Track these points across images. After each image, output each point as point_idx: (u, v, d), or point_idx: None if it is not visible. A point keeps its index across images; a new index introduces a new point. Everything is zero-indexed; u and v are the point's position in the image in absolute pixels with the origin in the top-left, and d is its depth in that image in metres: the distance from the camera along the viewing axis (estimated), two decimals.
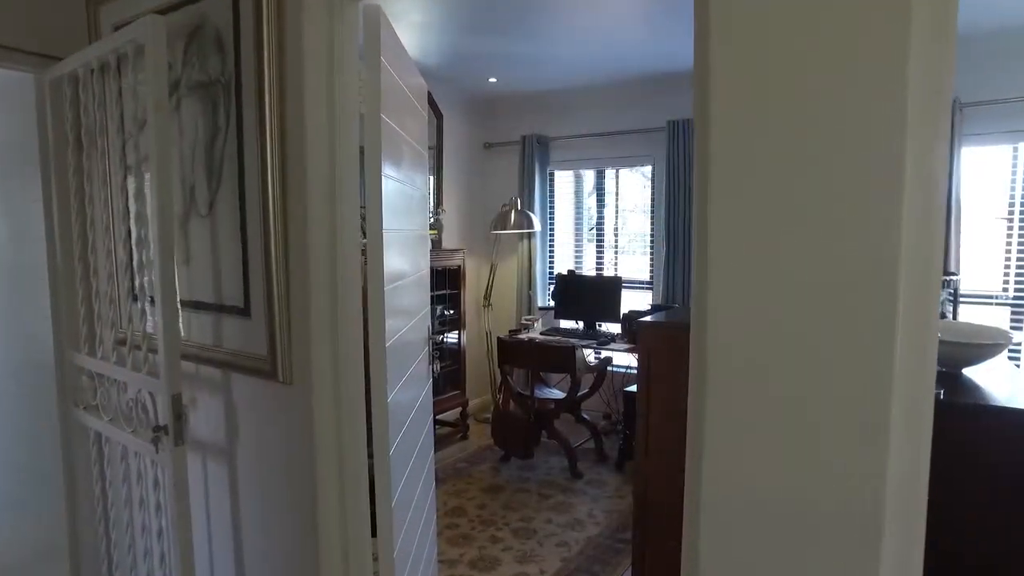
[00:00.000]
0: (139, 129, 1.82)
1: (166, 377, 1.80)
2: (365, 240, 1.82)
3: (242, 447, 1.99)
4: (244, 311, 1.86)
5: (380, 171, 1.79)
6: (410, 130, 2.29)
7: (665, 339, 2.67)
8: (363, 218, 1.85)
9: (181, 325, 2.12)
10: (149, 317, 1.93)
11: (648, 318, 2.81)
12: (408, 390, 2.21)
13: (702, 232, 1.18)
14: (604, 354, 4.59)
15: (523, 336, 4.79)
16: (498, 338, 4.42)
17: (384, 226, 1.85)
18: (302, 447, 1.83)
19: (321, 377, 1.78)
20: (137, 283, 1.90)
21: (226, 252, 1.90)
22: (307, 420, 1.79)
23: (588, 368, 4.29)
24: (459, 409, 4.98)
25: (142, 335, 1.92)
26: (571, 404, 4.39)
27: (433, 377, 2.80)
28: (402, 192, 2.14)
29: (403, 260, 2.16)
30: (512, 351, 4.36)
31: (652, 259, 5.11)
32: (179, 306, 2.12)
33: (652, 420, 2.72)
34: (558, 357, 4.18)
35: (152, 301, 1.79)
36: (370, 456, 1.89)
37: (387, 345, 1.87)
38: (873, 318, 1.00)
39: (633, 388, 4.42)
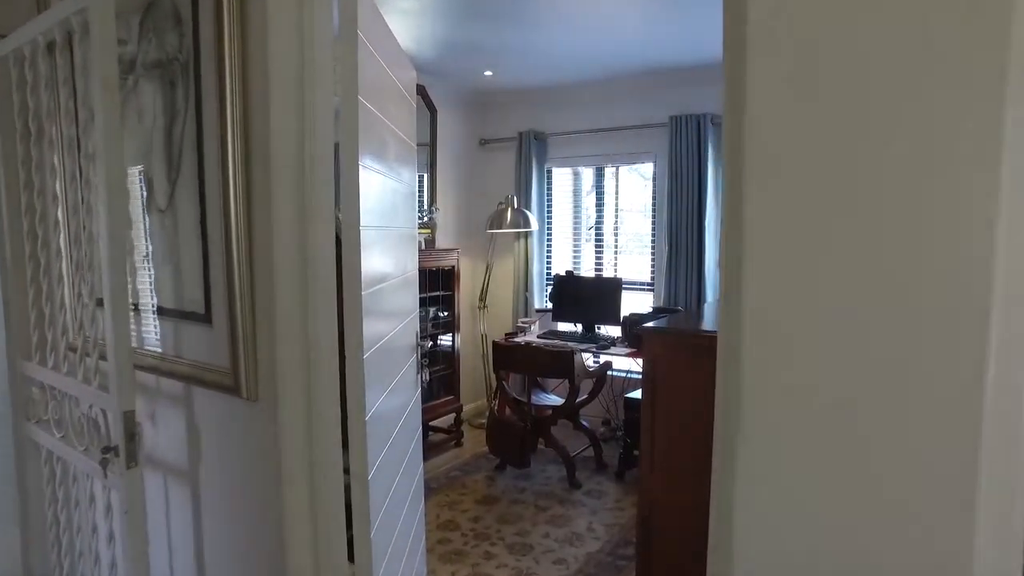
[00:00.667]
0: (91, 113, 1.61)
1: (117, 391, 1.58)
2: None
3: (206, 468, 1.78)
4: (205, 318, 1.64)
5: (357, 160, 1.58)
6: (396, 119, 2.08)
7: (672, 347, 2.46)
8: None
9: (140, 333, 1.91)
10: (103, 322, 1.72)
11: (652, 324, 2.60)
12: (393, 402, 2.00)
13: (734, 219, 0.97)
14: (604, 358, 4.38)
15: (519, 339, 4.58)
16: (494, 342, 4.22)
17: (363, 222, 1.64)
18: (271, 470, 1.62)
19: (289, 393, 1.56)
20: (89, 285, 1.68)
21: (186, 251, 1.69)
22: (275, 440, 1.58)
23: (587, 373, 4.09)
24: (453, 415, 4.77)
25: (92, 343, 1.71)
26: (569, 411, 4.18)
27: (423, 385, 2.59)
28: (386, 186, 1.93)
29: (387, 260, 1.95)
30: (508, 355, 4.15)
31: (653, 259, 4.90)
32: (151, 312, 1.91)
33: (658, 434, 2.51)
34: (556, 362, 3.97)
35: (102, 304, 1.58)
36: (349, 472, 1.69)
37: (366, 356, 1.66)
38: (960, 339, 0.79)
39: (634, 394, 4.22)
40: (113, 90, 1.51)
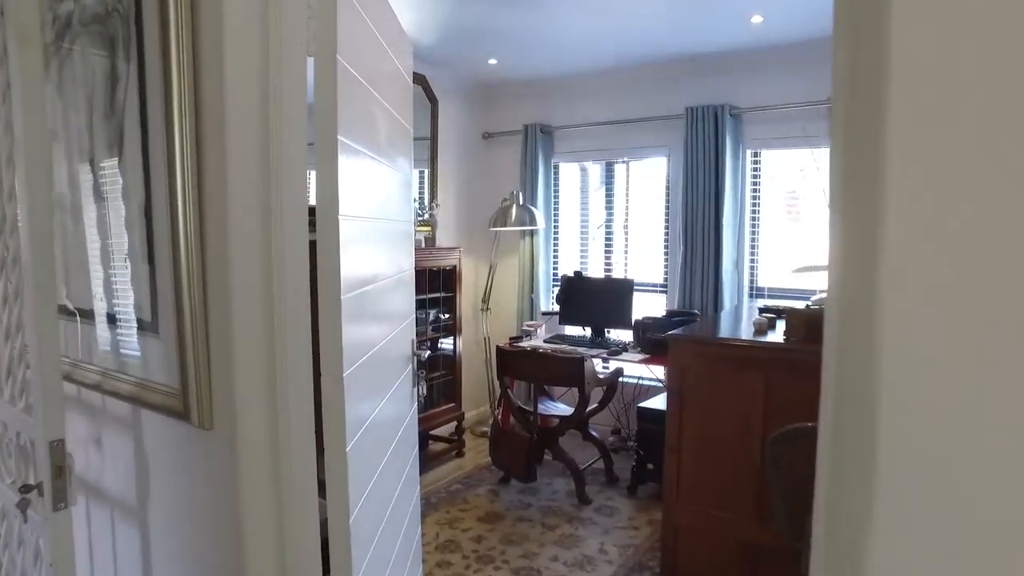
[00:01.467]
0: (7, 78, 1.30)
1: (43, 416, 1.28)
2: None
3: (157, 505, 1.47)
4: (151, 326, 1.34)
5: (334, 132, 1.27)
6: (387, 94, 1.77)
7: (705, 357, 2.16)
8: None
9: (90, 343, 1.60)
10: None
11: (680, 331, 2.29)
12: (383, 424, 1.69)
13: (857, 204, 0.66)
14: (614, 365, 4.07)
15: (525, 344, 4.27)
16: (498, 347, 3.91)
17: (343, 211, 1.33)
18: (231, 511, 1.31)
19: (250, 421, 1.26)
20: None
21: (131, 244, 1.38)
22: (234, 477, 1.27)
23: (598, 381, 3.78)
24: (454, 423, 4.46)
25: (18, 353, 1.40)
26: (578, 421, 3.87)
27: (420, 398, 2.28)
28: (374, 170, 1.62)
29: (375, 257, 1.64)
30: (513, 362, 3.84)
31: (666, 260, 4.59)
32: (103, 319, 1.60)
33: (685, 454, 2.20)
34: (565, 369, 3.66)
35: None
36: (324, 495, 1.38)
37: (347, 373, 1.35)
38: None
39: (649, 404, 3.91)
40: (33, 48, 1.20)
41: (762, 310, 2.66)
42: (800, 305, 3.04)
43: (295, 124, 1.26)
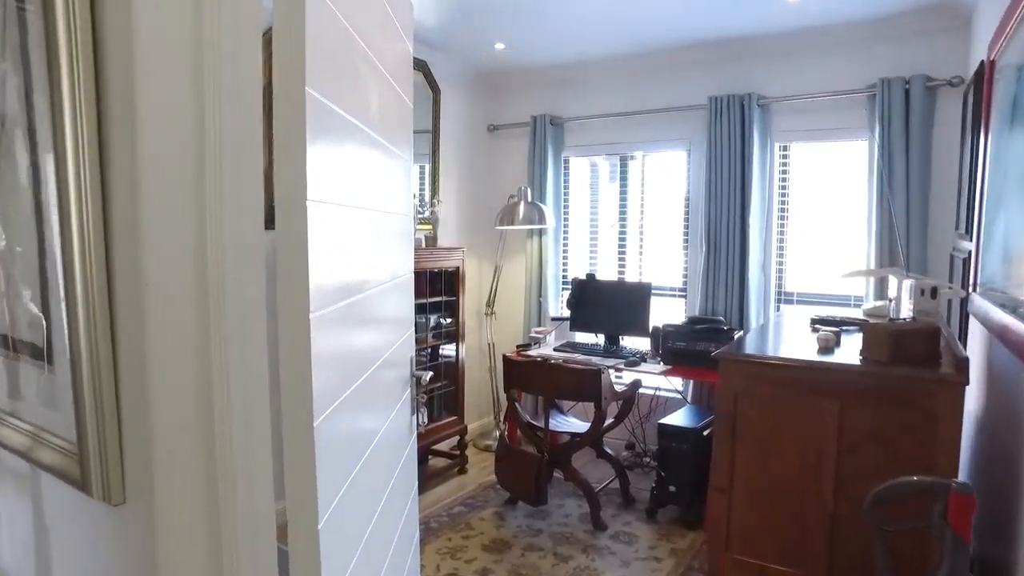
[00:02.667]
0: None
1: None
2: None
3: None
4: (44, 354, 0.94)
5: (301, 83, 0.88)
6: (382, 54, 1.38)
7: (763, 381, 1.77)
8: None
9: None
10: None
11: (731, 348, 1.90)
12: (371, 474, 1.30)
13: None
14: (630, 376, 3.68)
15: (533, 353, 3.88)
16: (504, 356, 3.51)
17: (317, 196, 0.94)
18: None
19: (174, 494, 0.86)
20: None
21: (23, 244, 0.99)
22: (153, 572, 0.88)
23: (615, 395, 3.39)
24: (457, 438, 4.07)
25: None
26: (593, 438, 3.48)
27: (420, 424, 1.89)
28: (364, 147, 1.23)
29: (366, 259, 1.25)
30: (521, 373, 3.45)
31: (687, 262, 4.20)
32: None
33: (738, 497, 1.81)
34: (580, 382, 3.27)
35: None
36: None
37: (319, 421, 0.96)
38: None
39: (669, 420, 3.52)
40: None
41: (816, 320, 2.27)
42: (837, 313, 2.67)
43: (244, 82, 0.86)
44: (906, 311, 1.89)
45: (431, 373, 1.80)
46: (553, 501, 3.67)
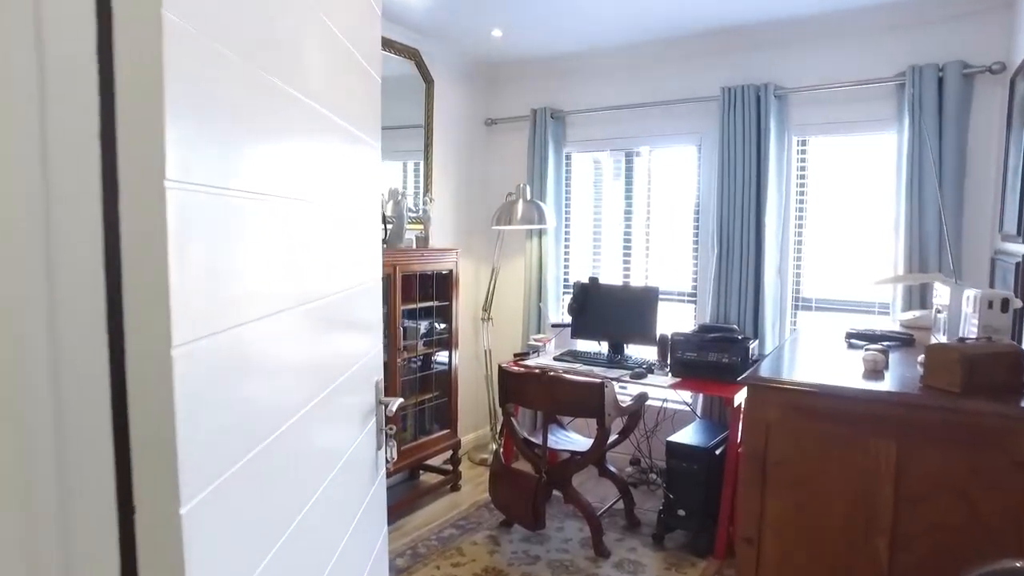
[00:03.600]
0: None
1: None
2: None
3: None
4: None
5: (159, 3, 0.57)
6: (329, 2, 1.07)
7: (800, 412, 1.46)
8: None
9: None
10: None
11: (759, 371, 1.59)
12: (304, 552, 0.98)
13: None
14: (637, 388, 3.36)
15: (532, 362, 3.56)
16: (500, 367, 3.20)
17: (186, 176, 0.63)
18: None
19: None
20: None
21: None
22: None
23: (620, 410, 3.08)
24: (449, 452, 3.76)
25: None
26: (595, 457, 3.16)
27: (388, 464, 1.58)
28: (288, 113, 0.92)
29: (297, 265, 0.94)
30: (519, 386, 3.14)
31: (696, 265, 3.88)
32: None
33: (769, 551, 1.49)
34: (582, 396, 2.95)
35: None
36: None
37: (187, 508, 0.65)
38: None
39: (679, 438, 3.20)
40: None
41: (853, 335, 1.95)
42: (863, 323, 2.34)
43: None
44: (965, 326, 1.57)
45: (400, 400, 1.49)
46: (552, 523, 3.35)
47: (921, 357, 1.63)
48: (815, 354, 1.78)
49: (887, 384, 1.41)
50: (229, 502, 0.72)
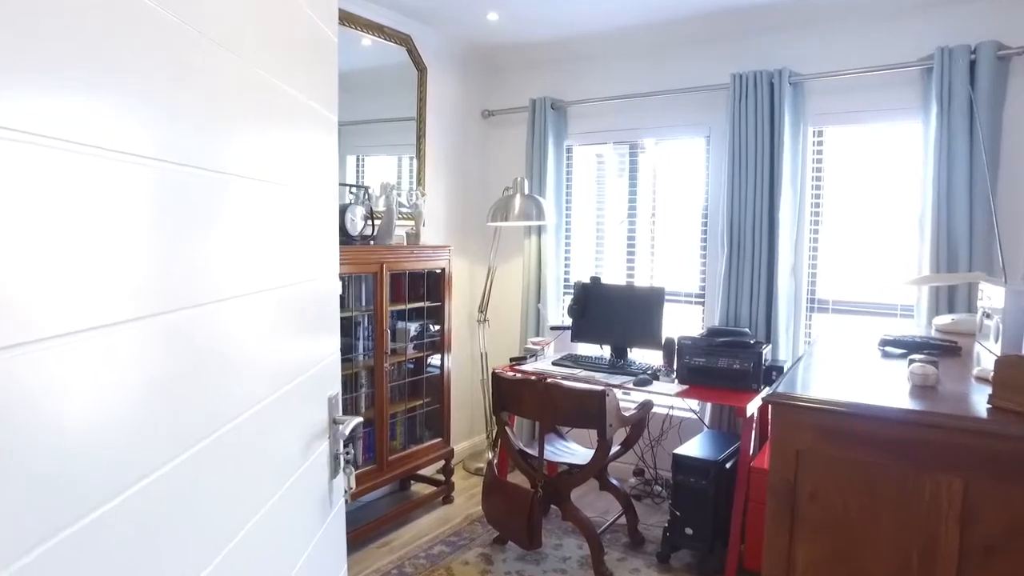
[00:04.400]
0: None
1: None
2: None
3: None
4: None
5: None
6: None
7: (838, 438, 1.20)
8: None
9: None
10: None
11: (785, 385, 1.33)
12: None
13: None
14: (641, 396, 3.10)
15: (529, 367, 3.31)
16: (494, 373, 2.95)
17: None
18: None
19: None
20: None
21: None
22: None
23: (623, 420, 2.82)
24: (442, 462, 3.51)
25: None
26: (596, 471, 2.90)
27: (346, 495, 1.33)
28: (153, 40, 0.67)
29: (178, 252, 0.69)
30: (514, 393, 2.88)
31: (704, 264, 3.62)
32: None
33: None
34: (581, 405, 2.70)
35: None
36: None
37: None
38: None
39: (685, 450, 2.94)
40: None
41: (888, 342, 1.69)
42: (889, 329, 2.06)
43: None
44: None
45: (358, 420, 1.24)
46: (549, 540, 3.10)
47: (978, 370, 1.37)
48: (846, 365, 1.52)
49: (944, 404, 1.15)
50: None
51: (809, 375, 1.38)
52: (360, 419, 1.25)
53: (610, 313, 3.49)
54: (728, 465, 2.87)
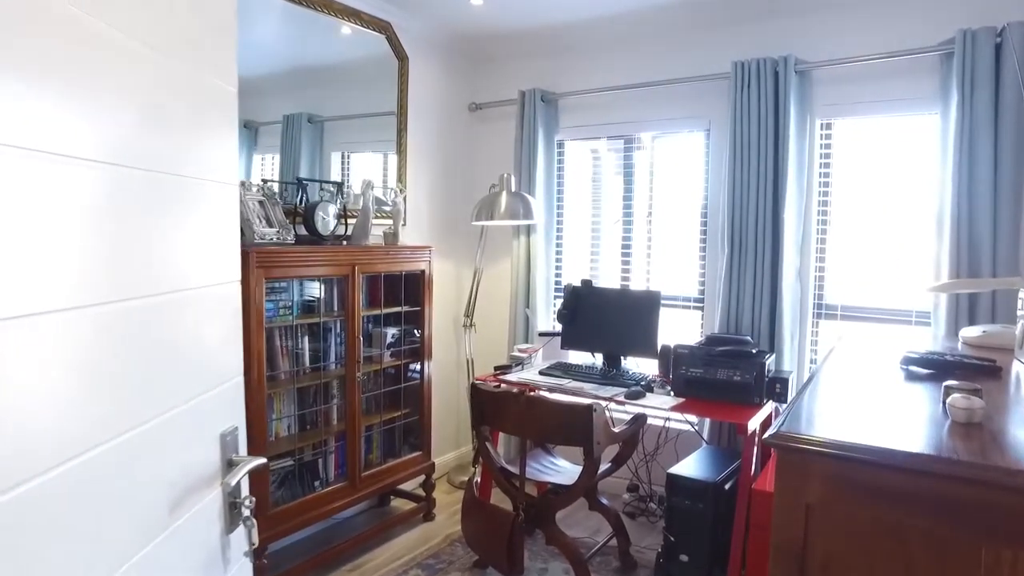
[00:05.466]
0: None
1: None
2: None
3: None
4: None
5: None
6: None
7: (858, 491, 0.94)
8: None
9: None
10: None
11: (788, 423, 1.07)
12: None
13: None
14: (634, 408, 2.84)
15: (513, 377, 3.05)
16: (472, 384, 2.69)
17: None
18: None
19: None
20: None
21: None
22: None
23: (612, 437, 2.56)
24: (422, 477, 3.26)
25: None
26: (583, 491, 2.64)
27: (250, 552, 1.08)
28: None
29: None
30: (494, 407, 2.63)
31: (704, 266, 3.35)
32: None
33: None
34: (565, 421, 2.44)
35: None
36: None
37: None
38: None
39: (681, 469, 2.68)
40: None
41: (913, 361, 1.42)
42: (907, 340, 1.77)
43: None
44: None
45: (258, 461, 0.99)
46: (534, 563, 2.84)
47: None
48: (864, 389, 1.25)
49: (999, 450, 0.89)
50: None
51: (819, 405, 1.12)
52: (263, 460, 1.00)
53: (602, 319, 3.23)
54: (727, 486, 2.61)
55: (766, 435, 0.96)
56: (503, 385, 3.02)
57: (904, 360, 1.42)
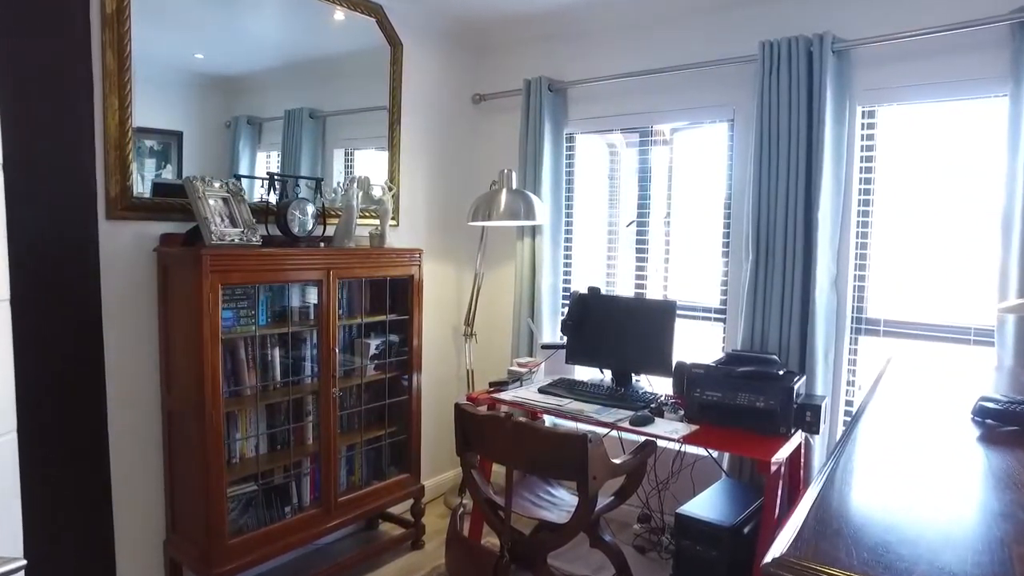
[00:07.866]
0: None
1: None
2: None
3: None
4: None
5: None
6: None
7: None
8: None
9: None
10: None
11: (813, 539, 0.70)
12: None
13: None
14: (641, 435, 2.46)
15: (508, 395, 2.70)
16: (456, 406, 2.35)
17: None
18: None
19: None
20: None
21: None
22: None
23: (613, 470, 2.19)
24: (411, 501, 2.94)
25: None
26: (577, 532, 2.28)
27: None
28: None
29: None
30: (478, 432, 2.28)
31: (727, 273, 2.95)
32: None
33: None
34: (557, 452, 2.08)
35: None
36: None
37: None
38: None
39: (692, 509, 2.30)
40: None
41: (986, 412, 1.03)
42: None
43: None
44: None
45: (17, 563, 0.68)
46: None
47: None
48: (921, 459, 0.87)
49: None
50: None
51: (853, 490, 0.75)
52: (22, 563, 0.68)
53: (611, 330, 2.86)
54: (746, 530, 2.22)
55: (765, 560, 0.60)
56: (498, 404, 2.68)
57: (977, 410, 1.03)
